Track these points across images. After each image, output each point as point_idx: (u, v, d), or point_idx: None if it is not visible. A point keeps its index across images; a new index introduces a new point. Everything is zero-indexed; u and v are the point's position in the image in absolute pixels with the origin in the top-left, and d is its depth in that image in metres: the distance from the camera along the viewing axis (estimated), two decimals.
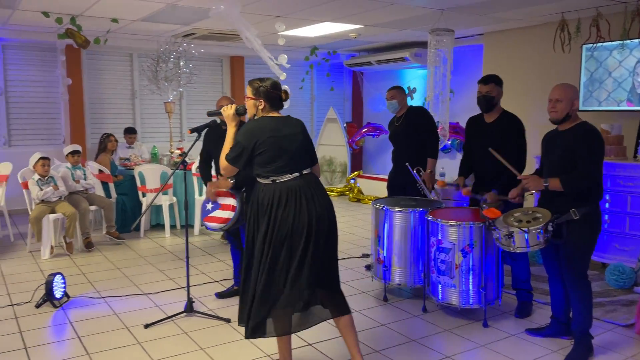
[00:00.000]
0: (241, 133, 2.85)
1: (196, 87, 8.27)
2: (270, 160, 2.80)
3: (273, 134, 2.81)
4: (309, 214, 2.77)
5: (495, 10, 5.61)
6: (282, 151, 2.81)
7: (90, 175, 6.11)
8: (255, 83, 2.90)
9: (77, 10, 5.54)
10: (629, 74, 5.18)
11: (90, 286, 4.54)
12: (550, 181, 3.11)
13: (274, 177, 2.82)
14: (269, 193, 2.81)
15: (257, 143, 2.79)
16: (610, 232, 4.77)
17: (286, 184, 2.80)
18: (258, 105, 2.90)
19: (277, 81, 2.94)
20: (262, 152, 2.79)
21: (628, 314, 3.83)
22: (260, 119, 2.89)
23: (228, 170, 2.90)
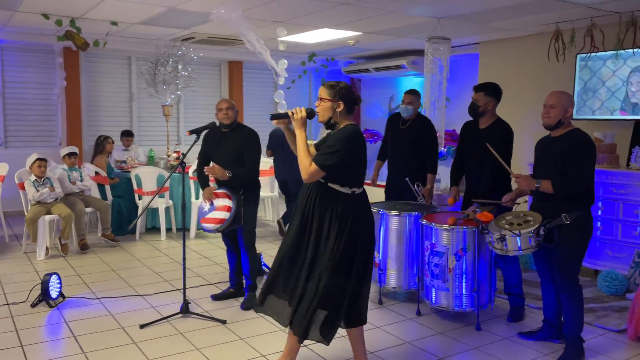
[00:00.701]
0: (343, 140, 2.75)
1: (194, 90, 8.30)
2: (356, 172, 2.82)
3: (364, 145, 2.83)
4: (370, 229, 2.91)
5: (491, 20, 5.68)
6: (364, 163, 2.87)
7: (87, 177, 6.12)
8: (332, 85, 2.83)
9: (77, 12, 5.59)
10: (622, 83, 5.26)
11: (86, 287, 4.55)
12: (542, 182, 3.16)
13: (355, 188, 2.83)
14: (347, 204, 2.79)
15: (354, 153, 2.77)
16: (602, 239, 4.83)
17: (361, 197, 2.86)
18: (336, 107, 2.81)
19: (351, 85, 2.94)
20: (353, 161, 2.78)
21: (620, 320, 3.87)
22: (357, 129, 2.83)
23: (314, 175, 2.75)
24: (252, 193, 4.14)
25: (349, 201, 2.80)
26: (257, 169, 4.11)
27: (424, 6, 5.13)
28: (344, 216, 2.77)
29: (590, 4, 4.86)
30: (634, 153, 4.77)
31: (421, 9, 5.24)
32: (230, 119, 4.07)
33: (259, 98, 9.63)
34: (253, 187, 4.15)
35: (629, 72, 5.19)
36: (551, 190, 3.11)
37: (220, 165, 4.10)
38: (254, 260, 4.17)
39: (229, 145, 4.08)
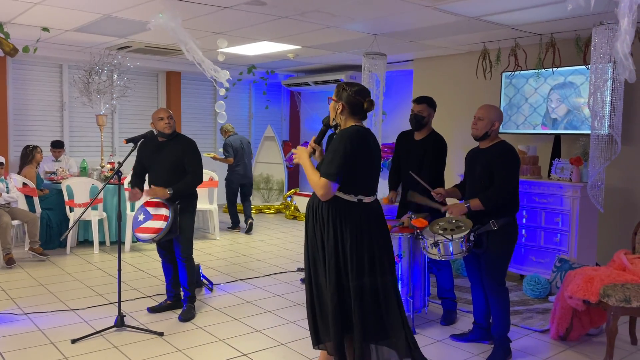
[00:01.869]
0: (339, 141, 2.60)
1: (130, 100, 8.11)
2: (362, 177, 2.64)
3: (369, 147, 2.66)
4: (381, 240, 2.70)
5: (423, 38, 5.96)
6: (372, 168, 2.68)
7: (13, 188, 5.83)
8: (340, 85, 2.74)
9: (6, 17, 5.36)
10: (543, 100, 5.64)
11: (12, 302, 4.32)
12: (471, 202, 3.34)
13: (362, 196, 2.66)
14: (354, 214, 2.63)
15: (356, 152, 2.59)
16: (527, 246, 5.13)
17: (371, 206, 2.68)
18: (337, 108, 2.72)
19: (366, 89, 2.75)
20: (359, 164, 2.61)
21: (543, 321, 4.12)
22: (360, 129, 2.68)
23: (328, 190, 2.56)
24: (189, 202, 4.09)
25: (356, 210, 2.64)
26: (201, 178, 4.07)
27: (361, 23, 5.31)
28: (355, 229, 2.62)
29: (514, 26, 5.21)
30: (554, 165, 5.12)
31: (358, 25, 5.42)
32: (171, 128, 4.03)
33: (197, 109, 9.55)
34: (189, 197, 4.10)
35: (549, 89, 5.59)
36: (481, 206, 3.30)
37: (158, 175, 4.05)
38: (192, 271, 4.12)
39: (167, 155, 4.03)
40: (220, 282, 5.06)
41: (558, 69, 5.45)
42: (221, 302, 4.47)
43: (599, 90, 4.47)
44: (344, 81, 2.85)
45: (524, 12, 4.70)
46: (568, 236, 4.84)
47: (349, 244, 2.63)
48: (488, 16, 4.87)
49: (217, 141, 9.86)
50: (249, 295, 4.67)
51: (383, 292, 2.69)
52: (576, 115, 5.39)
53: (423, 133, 4.14)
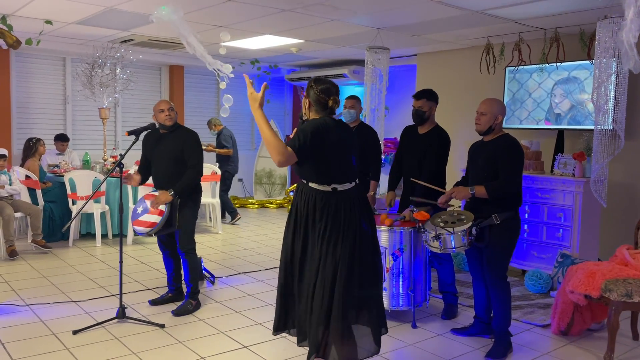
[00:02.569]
0: (305, 126, 2.66)
1: (133, 94, 8.12)
2: (333, 166, 2.69)
3: (337, 135, 2.70)
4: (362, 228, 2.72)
5: (427, 32, 5.93)
6: (343, 157, 2.73)
7: (16, 180, 5.85)
8: (310, 82, 2.79)
9: (9, 9, 5.35)
10: (547, 95, 5.62)
11: (14, 294, 4.34)
12: (476, 188, 3.32)
13: (335, 185, 2.70)
14: (330, 202, 2.68)
15: (321, 135, 2.64)
16: (529, 241, 5.12)
17: (347, 194, 2.71)
18: (305, 104, 2.80)
19: (332, 87, 2.78)
20: (328, 154, 2.67)
21: (545, 316, 4.12)
22: (327, 119, 2.73)
23: (286, 158, 2.56)
24: (190, 197, 4.06)
25: (331, 199, 2.69)
26: (200, 171, 4.05)
27: (364, 16, 5.29)
28: (329, 216, 2.67)
29: (518, 20, 5.18)
30: (557, 160, 5.10)
31: (362, 19, 5.40)
32: (172, 120, 4.02)
33: (200, 102, 9.55)
34: (191, 191, 4.07)
35: (553, 84, 5.56)
36: (485, 194, 3.28)
37: (159, 167, 4.05)
38: (194, 266, 4.11)
39: (168, 147, 4.02)
40: (221, 275, 5.07)
41: (562, 63, 5.42)
42: (222, 295, 4.48)
43: (603, 85, 4.45)
44: (314, 78, 2.84)
45: (528, 6, 4.67)
46: (570, 231, 4.83)
47: (329, 230, 2.67)
48: (492, 10, 4.85)
49: None
50: (250, 289, 4.67)
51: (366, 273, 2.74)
52: (580, 111, 5.36)
53: (426, 127, 4.13)
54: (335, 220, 2.68)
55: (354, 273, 2.68)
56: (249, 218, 8.28)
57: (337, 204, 2.70)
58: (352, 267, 2.67)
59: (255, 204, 9.32)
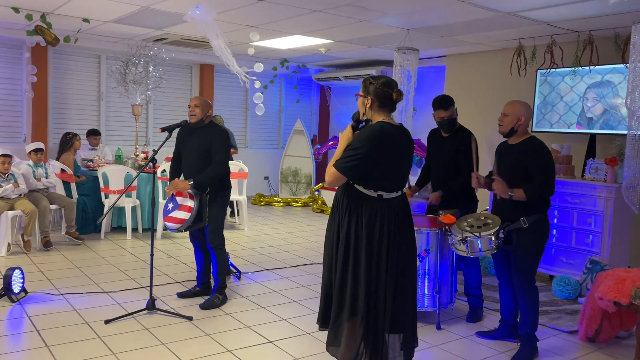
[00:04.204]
0: (362, 139, 2.58)
1: (165, 91, 8.28)
2: (384, 174, 2.63)
3: (395, 147, 2.63)
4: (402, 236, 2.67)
5: (457, 33, 5.91)
6: (397, 166, 2.67)
7: (52, 174, 6.04)
8: (366, 80, 2.72)
9: (49, 7, 5.54)
10: (579, 98, 5.53)
11: (49, 283, 4.49)
12: (515, 191, 3.26)
13: (382, 192, 2.64)
14: (372, 208, 2.63)
15: (378, 153, 2.57)
16: (557, 246, 5.05)
17: (392, 202, 2.66)
18: (366, 103, 2.69)
19: (392, 80, 2.71)
20: (382, 163, 2.60)
21: (572, 322, 4.07)
22: (383, 125, 2.63)
23: (335, 179, 2.60)
24: (219, 193, 4.12)
25: (374, 205, 2.63)
26: (224, 168, 4.08)
27: (394, 17, 5.30)
28: (370, 221, 2.62)
29: (551, 22, 5.12)
30: (588, 164, 5.02)
31: (391, 19, 5.41)
32: (195, 117, 4.05)
33: (230, 101, 9.69)
34: (220, 187, 4.13)
35: (585, 88, 5.47)
36: (524, 197, 3.23)
37: (188, 162, 4.13)
38: (222, 261, 4.18)
39: (196, 142, 4.08)
40: (247, 271, 5.15)
41: (595, 67, 5.33)
42: (248, 291, 4.55)
43: (638, 89, 4.37)
44: (373, 75, 2.81)
45: (561, 8, 4.62)
46: (600, 237, 4.75)
47: (364, 235, 2.62)
48: (524, 12, 4.80)
49: (247, 134, 9.98)
50: (276, 285, 4.74)
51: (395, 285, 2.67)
52: (613, 115, 5.27)
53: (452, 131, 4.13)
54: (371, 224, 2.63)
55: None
56: (274, 216, 8.36)
57: (377, 208, 2.63)
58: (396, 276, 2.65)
59: (281, 202, 9.40)
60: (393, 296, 2.64)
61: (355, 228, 2.64)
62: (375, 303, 2.64)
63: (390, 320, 2.65)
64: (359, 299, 2.62)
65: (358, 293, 2.63)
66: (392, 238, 2.63)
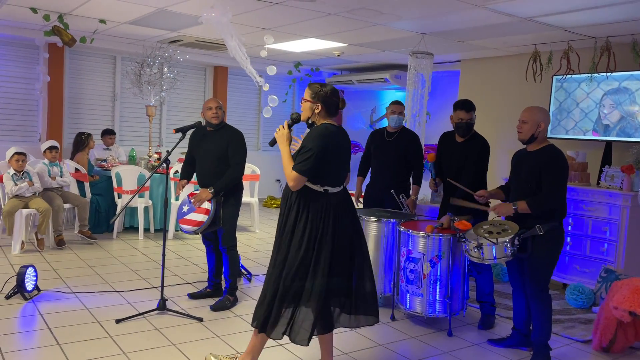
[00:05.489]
0: (313, 139, 2.79)
1: (179, 93, 8.34)
2: (330, 170, 2.82)
3: (339, 144, 2.84)
4: (347, 228, 2.86)
5: (472, 38, 5.87)
6: (341, 163, 2.88)
7: (67, 173, 6.09)
8: (315, 86, 2.90)
9: (66, 8, 5.59)
10: (595, 105, 5.47)
11: (61, 281, 4.53)
12: (518, 204, 3.27)
13: (327, 187, 2.83)
14: (319, 202, 2.80)
15: (327, 150, 2.77)
16: (571, 254, 4.99)
17: (336, 197, 2.85)
18: (315, 108, 2.88)
19: (336, 89, 2.93)
20: (328, 160, 2.79)
21: (586, 331, 4.01)
22: (328, 126, 2.85)
23: (298, 182, 2.77)
24: (233, 195, 4.13)
25: (321, 200, 2.82)
26: (242, 170, 4.10)
27: (409, 21, 5.28)
28: (316, 215, 2.80)
29: (568, 28, 5.07)
30: (604, 172, 4.96)
31: (406, 23, 5.39)
32: (219, 118, 4.09)
33: (243, 103, 9.71)
34: (234, 190, 4.14)
35: (602, 95, 5.41)
36: (528, 210, 3.23)
37: (203, 164, 4.14)
38: (234, 262, 4.19)
39: (213, 144, 4.09)
40: (258, 273, 5.15)
41: (612, 73, 5.27)
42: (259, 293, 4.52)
43: None
44: (321, 82, 2.96)
45: (579, 14, 4.57)
46: (616, 246, 4.69)
47: (313, 228, 2.80)
48: (541, 17, 4.76)
49: (260, 136, 10.00)
50: None
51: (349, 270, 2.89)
52: (630, 122, 5.20)
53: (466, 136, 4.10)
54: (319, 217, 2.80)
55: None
56: None
57: (324, 203, 2.82)
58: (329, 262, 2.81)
59: None
60: (347, 281, 2.87)
61: (304, 222, 2.80)
62: (329, 290, 2.81)
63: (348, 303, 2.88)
64: (314, 286, 2.79)
65: (313, 282, 2.80)
66: (338, 229, 2.82)
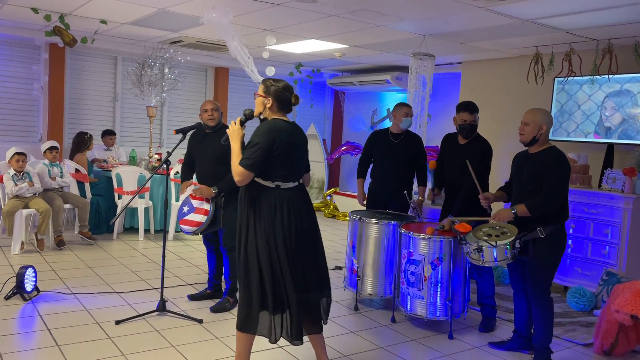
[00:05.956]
0: (259, 134, 2.78)
1: (179, 94, 8.33)
2: (281, 166, 2.79)
3: (289, 139, 2.81)
4: (301, 224, 2.83)
5: (474, 40, 5.86)
6: (292, 158, 2.83)
7: (67, 173, 6.08)
8: (267, 82, 2.89)
9: (67, 8, 5.59)
10: (597, 107, 5.46)
11: (61, 282, 4.51)
12: (517, 208, 3.25)
13: (279, 182, 2.82)
14: (270, 198, 2.79)
15: (275, 145, 2.75)
16: (573, 257, 4.97)
17: (288, 192, 2.82)
18: (266, 103, 2.87)
19: (290, 85, 2.92)
20: (278, 155, 2.77)
21: (587, 335, 3.99)
22: (278, 121, 2.85)
23: (244, 177, 2.76)
24: (233, 196, 4.10)
25: (272, 195, 2.79)
26: None
27: (410, 22, 5.27)
28: (269, 211, 2.78)
29: (569, 30, 5.06)
30: (605, 174, 4.94)
31: (407, 25, 5.39)
32: (215, 120, 4.08)
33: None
34: (235, 190, 4.13)
35: (604, 97, 5.40)
36: (527, 213, 3.21)
37: (203, 166, 4.13)
38: (234, 263, 4.17)
39: (211, 146, 4.08)
40: None
41: (614, 76, 5.26)
42: None
43: None
44: (273, 78, 2.98)
45: (580, 16, 4.56)
46: (617, 249, 4.67)
47: (262, 223, 2.79)
48: (543, 19, 4.75)
49: None
50: None
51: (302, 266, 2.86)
52: (631, 125, 5.19)
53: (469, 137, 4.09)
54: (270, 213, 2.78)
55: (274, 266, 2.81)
56: None
57: (276, 198, 2.80)
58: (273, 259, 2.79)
59: None
60: (302, 276, 2.85)
61: (254, 218, 2.80)
62: (283, 286, 2.79)
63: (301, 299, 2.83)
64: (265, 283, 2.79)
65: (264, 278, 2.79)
66: (292, 225, 2.80)
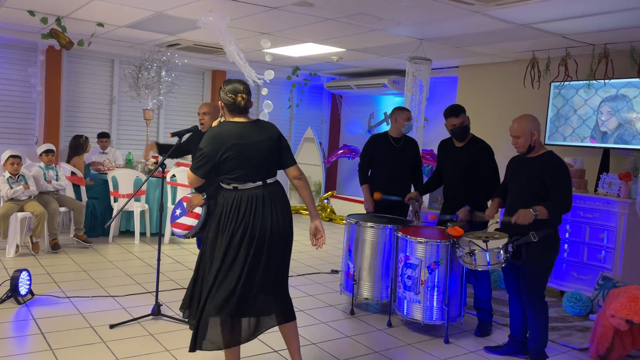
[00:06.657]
0: (204, 140, 2.76)
1: (176, 97, 8.31)
2: (233, 168, 2.75)
3: (238, 141, 2.74)
4: (267, 223, 2.78)
5: (471, 44, 5.87)
6: (246, 159, 2.76)
7: (63, 176, 6.06)
8: (222, 86, 2.87)
9: (64, 11, 5.58)
10: (593, 112, 5.47)
11: (55, 286, 4.49)
12: (539, 210, 3.17)
13: (235, 184, 2.79)
14: (229, 199, 2.79)
15: (221, 151, 2.72)
16: (568, 261, 4.97)
17: (247, 192, 2.78)
18: (222, 107, 2.88)
19: (240, 85, 2.82)
20: (226, 159, 2.73)
21: (583, 339, 3.99)
22: (225, 124, 2.83)
23: (192, 181, 2.81)
24: None
25: (232, 197, 2.79)
26: None
27: (407, 27, 5.28)
28: (225, 212, 2.79)
29: (566, 35, 5.08)
30: (601, 179, 4.95)
31: (404, 29, 5.39)
32: (205, 125, 4.06)
33: None
34: None
35: (600, 101, 5.41)
36: (547, 215, 3.17)
37: None
38: None
39: None
40: None
41: (610, 80, 5.27)
42: None
43: None
44: (226, 80, 2.99)
45: (576, 21, 4.57)
46: (613, 253, 4.67)
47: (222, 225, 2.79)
48: (539, 24, 4.76)
49: None
50: None
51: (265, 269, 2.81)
52: (627, 129, 5.20)
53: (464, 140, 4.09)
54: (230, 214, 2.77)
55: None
56: None
57: (234, 198, 2.78)
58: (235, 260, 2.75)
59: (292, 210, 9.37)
60: (262, 278, 2.78)
61: (217, 219, 2.82)
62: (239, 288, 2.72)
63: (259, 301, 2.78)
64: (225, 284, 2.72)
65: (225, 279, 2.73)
66: (251, 226, 2.74)
